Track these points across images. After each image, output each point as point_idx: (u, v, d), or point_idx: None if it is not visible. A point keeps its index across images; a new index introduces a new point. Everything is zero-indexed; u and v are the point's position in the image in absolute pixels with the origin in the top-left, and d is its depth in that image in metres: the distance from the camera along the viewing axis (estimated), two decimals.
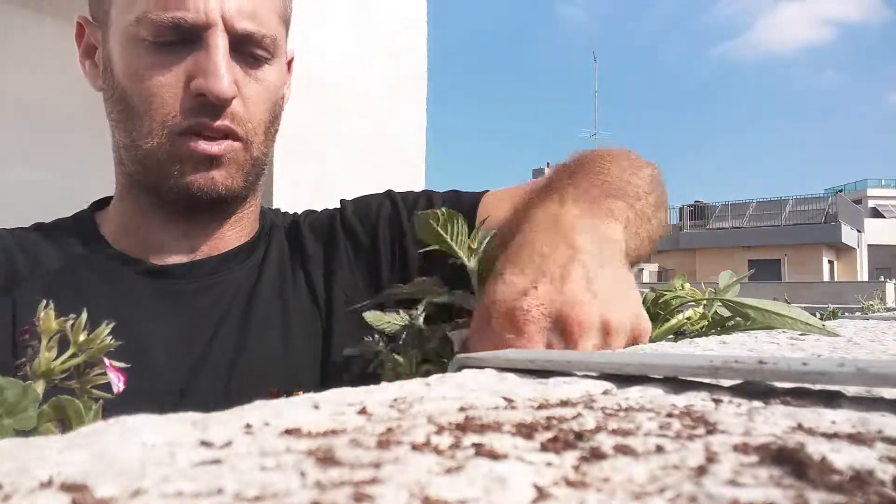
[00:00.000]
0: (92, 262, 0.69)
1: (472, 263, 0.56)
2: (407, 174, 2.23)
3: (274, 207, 0.86)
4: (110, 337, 0.29)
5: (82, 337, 0.28)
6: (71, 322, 0.28)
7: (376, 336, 0.55)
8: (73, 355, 0.28)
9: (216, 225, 0.72)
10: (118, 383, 0.29)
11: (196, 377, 0.64)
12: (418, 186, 2.28)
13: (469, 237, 0.56)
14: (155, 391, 0.61)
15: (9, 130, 1.69)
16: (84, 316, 0.29)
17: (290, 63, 0.80)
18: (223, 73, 0.62)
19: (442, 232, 0.54)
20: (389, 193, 0.80)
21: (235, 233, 0.74)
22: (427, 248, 0.55)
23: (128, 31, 0.65)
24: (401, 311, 0.56)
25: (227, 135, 0.65)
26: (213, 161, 0.65)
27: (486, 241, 0.57)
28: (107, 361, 0.29)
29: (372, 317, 0.56)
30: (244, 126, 0.66)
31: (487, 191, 0.78)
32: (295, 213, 0.83)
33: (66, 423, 0.26)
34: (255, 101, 0.67)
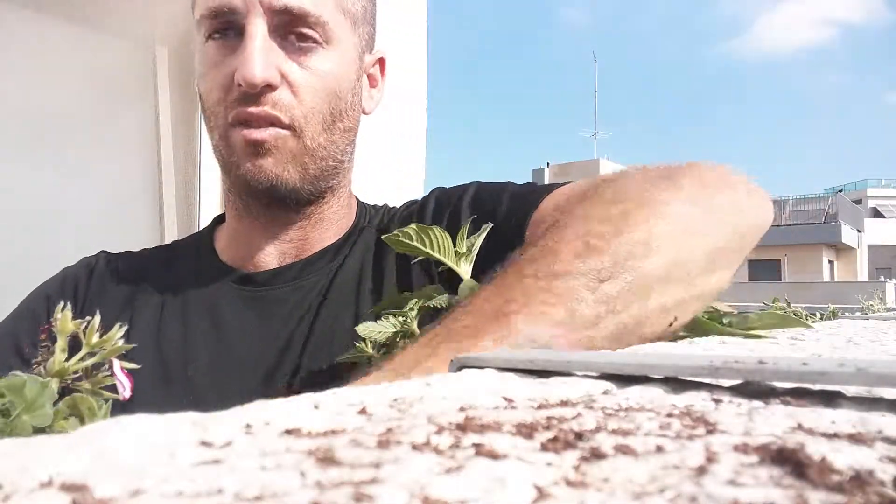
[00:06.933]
0: (199, 277, 0.73)
1: (462, 268, 0.55)
2: (408, 173, 2.24)
3: (392, 204, 0.83)
4: (123, 339, 0.29)
5: (95, 338, 0.28)
6: (84, 324, 0.28)
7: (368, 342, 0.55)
8: (86, 356, 0.28)
9: (297, 227, 0.73)
10: (123, 391, 0.29)
11: (271, 381, 0.66)
12: (418, 185, 2.28)
13: (456, 241, 0.55)
14: (237, 394, 0.61)
15: (9, 130, 1.68)
16: (97, 318, 0.29)
17: (381, 64, 0.80)
18: (254, 58, 0.62)
19: (420, 246, 0.53)
20: (462, 196, 0.73)
21: (319, 234, 0.74)
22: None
23: (197, 34, 0.68)
24: (391, 318, 0.55)
25: (272, 123, 0.65)
26: (258, 148, 0.65)
27: (480, 239, 0.56)
28: (117, 365, 0.29)
29: (363, 328, 0.54)
30: (289, 113, 0.65)
31: (552, 188, 0.67)
32: (399, 208, 0.81)
33: (80, 420, 0.26)
34: (304, 89, 0.66)
